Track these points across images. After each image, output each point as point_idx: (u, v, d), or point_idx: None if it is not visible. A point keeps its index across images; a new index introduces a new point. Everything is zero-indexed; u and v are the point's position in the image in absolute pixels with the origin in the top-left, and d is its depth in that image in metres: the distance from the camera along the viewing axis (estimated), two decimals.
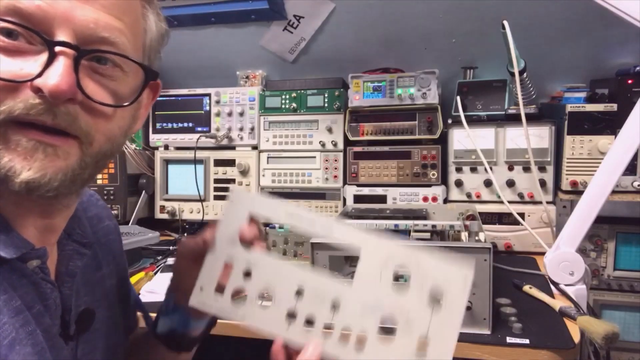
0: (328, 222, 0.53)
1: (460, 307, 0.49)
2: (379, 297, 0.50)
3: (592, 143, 1.30)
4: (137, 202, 1.66)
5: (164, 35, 0.55)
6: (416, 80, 1.45)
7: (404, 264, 0.51)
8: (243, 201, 0.55)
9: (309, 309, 0.52)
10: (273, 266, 0.54)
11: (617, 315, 1.40)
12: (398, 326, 0.50)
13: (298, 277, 0.53)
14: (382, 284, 0.51)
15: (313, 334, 0.51)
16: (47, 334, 0.48)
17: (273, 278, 0.53)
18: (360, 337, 0.50)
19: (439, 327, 0.49)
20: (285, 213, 0.54)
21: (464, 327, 0.90)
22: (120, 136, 0.50)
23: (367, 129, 1.52)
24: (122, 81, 0.48)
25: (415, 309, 0.49)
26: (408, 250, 0.51)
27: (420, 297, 0.49)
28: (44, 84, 0.41)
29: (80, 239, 0.58)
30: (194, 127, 1.69)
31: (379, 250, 0.51)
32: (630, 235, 1.39)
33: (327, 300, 0.51)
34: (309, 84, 1.60)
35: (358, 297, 0.51)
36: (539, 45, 1.48)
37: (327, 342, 0.51)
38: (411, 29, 1.57)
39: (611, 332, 0.82)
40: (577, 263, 1.05)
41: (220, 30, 1.69)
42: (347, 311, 0.51)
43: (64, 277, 0.54)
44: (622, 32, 1.36)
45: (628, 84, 1.29)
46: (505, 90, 1.43)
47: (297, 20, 1.63)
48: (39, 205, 0.48)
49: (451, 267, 0.49)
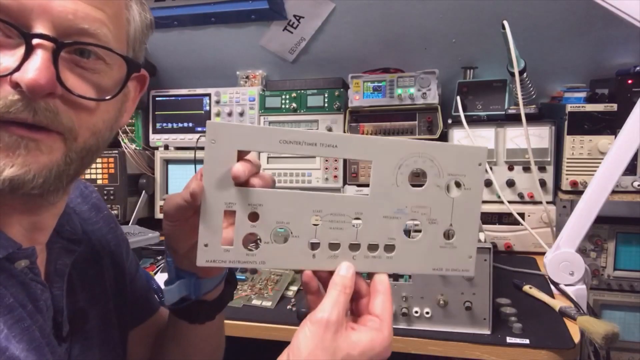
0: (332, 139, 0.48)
1: (479, 184, 0.50)
2: (399, 202, 0.50)
3: (592, 143, 1.30)
4: (137, 202, 1.66)
5: (149, 25, 0.54)
6: (416, 80, 1.45)
7: (417, 161, 0.50)
8: (225, 137, 0.47)
9: (331, 233, 0.50)
10: (281, 199, 0.49)
11: (617, 315, 1.40)
12: (422, 225, 0.50)
13: (311, 204, 0.49)
14: (400, 188, 0.50)
15: (341, 257, 0.50)
16: (42, 331, 0.47)
17: (284, 212, 0.49)
18: (388, 245, 0.50)
19: (462, 213, 0.50)
20: (279, 141, 0.47)
21: (464, 327, 0.91)
22: (105, 130, 0.49)
23: (367, 129, 1.52)
24: (105, 74, 0.46)
25: (436, 203, 0.50)
26: (419, 146, 0.50)
27: (439, 190, 0.50)
28: (21, 78, 0.40)
29: (70, 235, 0.56)
30: (194, 127, 1.69)
31: (391, 153, 0.49)
32: (630, 235, 1.39)
33: (348, 220, 0.50)
34: (309, 84, 1.60)
35: (378, 208, 0.50)
36: (539, 45, 1.48)
37: (357, 259, 0.50)
38: (411, 29, 1.56)
39: (611, 332, 0.82)
40: (577, 263, 1.05)
41: (220, 30, 1.69)
42: (370, 225, 0.50)
43: (54, 276, 0.53)
44: (622, 32, 1.36)
45: (628, 84, 1.29)
46: (505, 90, 1.43)
47: (297, 20, 1.63)
48: (23, 203, 0.47)
49: (464, 147, 0.50)
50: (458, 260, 0.52)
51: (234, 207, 0.48)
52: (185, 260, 0.56)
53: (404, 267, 0.52)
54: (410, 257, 0.51)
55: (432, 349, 0.90)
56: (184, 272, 0.58)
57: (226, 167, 0.47)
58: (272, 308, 1.05)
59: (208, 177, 0.47)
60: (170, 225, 0.54)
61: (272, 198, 0.48)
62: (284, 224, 0.49)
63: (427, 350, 0.90)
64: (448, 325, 0.91)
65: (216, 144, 0.47)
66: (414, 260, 0.51)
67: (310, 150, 0.48)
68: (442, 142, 0.50)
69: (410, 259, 0.51)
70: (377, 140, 0.49)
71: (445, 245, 0.51)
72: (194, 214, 0.50)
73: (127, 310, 0.68)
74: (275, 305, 1.06)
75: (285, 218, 0.49)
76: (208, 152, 0.46)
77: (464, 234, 0.51)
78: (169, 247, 0.57)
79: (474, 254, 0.52)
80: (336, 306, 0.46)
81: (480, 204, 0.51)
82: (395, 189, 0.50)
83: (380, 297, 0.49)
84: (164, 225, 0.55)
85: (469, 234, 0.51)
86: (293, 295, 1.11)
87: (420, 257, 0.51)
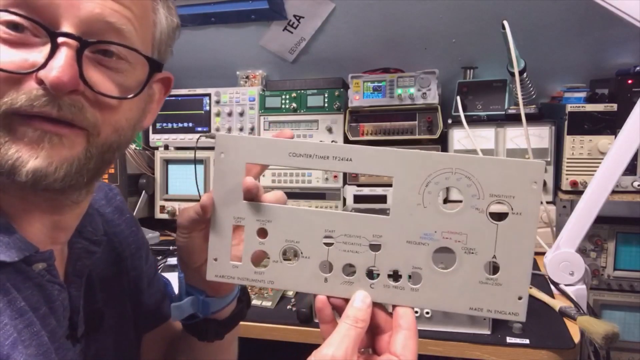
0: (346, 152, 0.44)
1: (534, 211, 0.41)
2: (426, 225, 0.43)
3: (592, 143, 1.30)
4: (137, 202, 1.66)
5: (175, 29, 0.54)
6: (416, 80, 1.45)
7: (450, 178, 0.42)
8: (235, 149, 0.46)
9: (345, 256, 0.45)
10: (290, 216, 0.46)
11: (617, 315, 1.40)
12: (457, 254, 0.43)
13: (323, 221, 0.45)
14: (427, 208, 0.43)
15: (357, 283, 0.45)
16: (53, 335, 0.47)
17: (294, 229, 0.46)
18: (413, 274, 0.44)
19: (509, 243, 0.42)
20: (289, 154, 0.45)
21: (464, 327, 0.91)
22: (128, 128, 0.49)
23: (367, 129, 1.52)
24: (128, 73, 0.47)
25: (475, 229, 0.42)
26: (451, 159, 0.42)
27: (479, 214, 0.42)
28: (45, 76, 0.41)
29: (91, 236, 0.57)
30: (194, 127, 1.69)
31: (415, 168, 0.43)
32: (630, 235, 1.39)
33: (364, 242, 0.44)
34: (309, 84, 1.60)
35: (400, 230, 0.43)
36: (539, 45, 1.48)
37: (376, 288, 0.44)
38: (411, 29, 1.56)
39: (611, 332, 0.82)
40: (577, 263, 1.05)
41: (220, 30, 1.69)
42: (390, 251, 0.44)
43: (72, 277, 0.53)
44: (622, 32, 1.36)
45: (628, 84, 1.29)
46: (505, 90, 1.43)
47: (297, 20, 1.63)
48: (46, 200, 0.47)
49: (513, 162, 0.41)
50: (503, 301, 0.43)
51: (243, 222, 0.46)
52: (196, 276, 0.55)
53: (433, 303, 0.44)
54: (440, 291, 0.43)
55: (432, 349, 0.90)
56: (193, 289, 0.58)
57: (235, 180, 0.46)
58: (272, 308, 1.05)
59: (217, 190, 0.47)
60: (183, 237, 0.54)
61: (281, 214, 0.46)
62: (293, 243, 0.46)
63: (427, 350, 0.90)
64: (448, 325, 0.91)
65: (225, 156, 0.46)
66: (446, 295, 0.43)
67: (322, 164, 0.44)
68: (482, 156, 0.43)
69: (440, 294, 0.43)
70: (398, 153, 0.43)
71: (487, 281, 0.43)
72: (206, 228, 0.50)
73: (143, 314, 0.69)
74: (275, 305, 1.06)
75: (295, 236, 0.46)
76: (217, 164, 0.46)
77: (511, 269, 0.42)
78: (181, 261, 0.57)
79: (525, 295, 0.43)
80: (344, 341, 0.41)
81: (535, 233, 0.42)
82: (421, 211, 0.43)
83: (401, 333, 0.43)
84: (177, 238, 0.55)
85: (519, 270, 0.42)
86: (293, 296, 1.11)
87: (453, 293, 0.43)
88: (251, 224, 0.46)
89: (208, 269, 0.48)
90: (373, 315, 0.44)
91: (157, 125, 1.72)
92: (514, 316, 0.43)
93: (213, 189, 0.47)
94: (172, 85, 0.59)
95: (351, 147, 0.44)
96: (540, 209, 0.38)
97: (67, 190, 0.45)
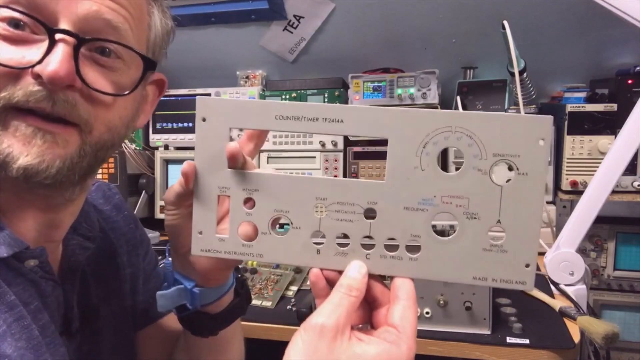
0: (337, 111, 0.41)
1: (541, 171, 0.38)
2: (425, 189, 0.40)
3: (592, 143, 1.30)
4: (137, 202, 1.65)
5: (169, 32, 0.55)
6: (416, 80, 1.45)
7: (449, 137, 0.39)
8: (217, 114, 0.43)
9: (338, 225, 0.42)
10: (278, 183, 0.43)
11: (617, 315, 1.40)
12: (458, 220, 0.40)
13: (314, 188, 0.42)
14: (426, 173, 0.40)
15: (351, 254, 0.42)
16: (45, 330, 0.47)
17: (282, 198, 0.42)
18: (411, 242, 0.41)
19: (515, 207, 0.39)
20: (275, 117, 0.41)
21: (464, 327, 0.91)
22: (121, 127, 0.50)
23: None
24: (123, 72, 0.48)
25: (477, 192, 0.39)
26: (451, 117, 0.39)
27: (481, 175, 0.39)
28: (42, 70, 0.42)
29: (86, 232, 0.57)
30: (194, 127, 1.67)
31: (412, 128, 0.39)
32: (630, 235, 1.39)
33: (358, 209, 0.41)
34: (309, 84, 1.60)
35: (397, 196, 0.40)
36: (539, 45, 1.48)
37: (372, 258, 0.42)
38: (411, 29, 1.56)
39: (611, 332, 0.82)
40: (577, 263, 1.05)
41: (220, 30, 1.69)
42: (386, 217, 0.41)
43: (67, 273, 0.54)
44: (622, 32, 1.35)
45: (628, 84, 1.29)
46: (505, 90, 1.43)
47: (297, 20, 1.63)
48: (40, 198, 0.47)
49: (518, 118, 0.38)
50: (509, 269, 0.40)
51: (228, 191, 0.43)
52: (185, 262, 0.52)
53: (433, 272, 0.41)
54: (441, 261, 0.41)
55: (432, 349, 0.90)
56: (183, 278, 0.54)
57: (218, 147, 0.43)
58: (272, 308, 1.05)
59: (200, 158, 0.44)
60: (170, 216, 0.51)
61: (269, 182, 0.43)
62: (282, 213, 0.43)
63: (427, 350, 0.90)
64: (448, 325, 0.91)
65: (207, 121, 0.43)
66: (447, 264, 0.41)
67: (311, 127, 0.41)
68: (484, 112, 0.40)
69: (441, 263, 0.41)
70: (393, 112, 0.40)
71: (491, 248, 0.40)
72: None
73: (137, 311, 0.69)
74: (275, 305, 1.06)
75: (284, 205, 0.42)
76: (198, 131, 0.43)
77: (518, 234, 0.39)
78: (171, 245, 0.55)
79: (532, 262, 0.40)
80: (336, 310, 0.39)
81: (543, 195, 0.39)
82: (419, 174, 0.40)
83: (400, 304, 0.40)
84: (165, 220, 0.52)
85: (526, 235, 0.39)
86: (293, 295, 1.11)
87: (455, 262, 0.40)
88: (237, 194, 0.43)
89: (193, 243, 0.45)
90: (369, 288, 0.42)
91: (157, 125, 1.72)
92: (521, 285, 0.40)
93: (195, 157, 0.44)
94: (166, 88, 0.60)
95: (342, 107, 0.41)
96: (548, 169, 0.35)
97: (58, 187, 0.45)
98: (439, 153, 0.40)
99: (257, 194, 0.43)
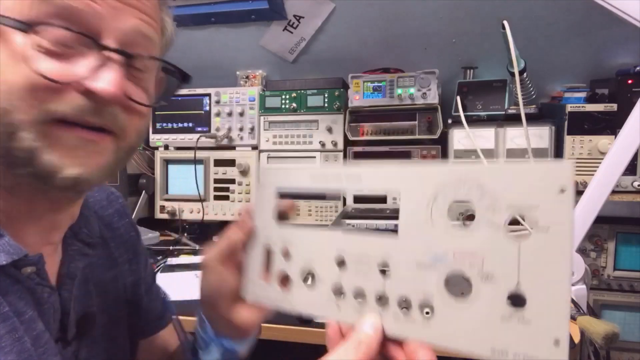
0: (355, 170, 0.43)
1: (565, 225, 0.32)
2: (436, 244, 0.37)
3: (592, 143, 1.30)
4: (137, 202, 1.66)
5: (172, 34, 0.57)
6: (416, 80, 1.45)
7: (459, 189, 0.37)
8: (270, 179, 0.49)
9: (355, 279, 0.42)
10: (306, 238, 0.45)
11: (617, 315, 1.40)
12: (472, 280, 0.36)
13: (335, 243, 0.43)
14: (436, 227, 0.38)
15: (366, 309, 0.41)
16: (37, 340, 0.47)
17: (310, 251, 0.45)
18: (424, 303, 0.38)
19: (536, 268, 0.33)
20: (309, 177, 0.46)
21: None
22: (145, 132, 0.53)
23: (367, 129, 1.52)
24: (149, 80, 0.50)
25: (491, 250, 0.35)
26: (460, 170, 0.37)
27: (495, 230, 0.35)
28: (96, 87, 0.42)
29: (86, 238, 0.57)
30: (194, 127, 1.69)
31: (422, 182, 0.39)
32: (630, 235, 1.40)
33: (373, 265, 0.40)
34: (309, 84, 1.60)
35: (409, 251, 0.39)
36: (539, 45, 1.48)
37: (384, 318, 0.40)
38: (411, 29, 1.57)
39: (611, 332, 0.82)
40: (577, 263, 1.05)
41: (220, 30, 1.69)
42: (399, 274, 0.39)
43: (65, 279, 0.53)
44: (622, 32, 1.35)
45: (628, 84, 1.29)
46: (505, 90, 1.43)
47: (297, 20, 1.63)
48: (52, 200, 0.48)
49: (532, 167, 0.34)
50: (534, 345, 0.33)
51: (271, 243, 0.49)
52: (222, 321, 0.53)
53: (448, 339, 0.37)
54: (456, 326, 0.36)
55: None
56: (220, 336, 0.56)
57: (269, 205, 0.49)
58: None
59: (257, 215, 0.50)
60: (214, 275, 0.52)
61: (299, 236, 0.46)
62: (309, 265, 0.45)
63: None
64: None
65: (263, 186, 0.50)
66: (463, 330, 0.36)
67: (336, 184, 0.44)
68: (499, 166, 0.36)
69: (456, 329, 0.36)
70: (404, 168, 0.40)
71: (511, 317, 0.34)
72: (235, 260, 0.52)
73: (139, 320, 0.69)
74: None
75: (310, 258, 0.45)
76: (257, 193, 0.51)
77: (542, 302, 0.33)
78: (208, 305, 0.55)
79: (563, 337, 0.32)
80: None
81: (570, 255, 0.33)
82: (429, 229, 0.38)
83: None
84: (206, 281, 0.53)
85: (553, 304, 0.32)
86: None
87: (471, 328, 0.35)
88: (278, 246, 0.48)
89: (242, 288, 0.50)
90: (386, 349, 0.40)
91: (157, 125, 1.72)
92: None
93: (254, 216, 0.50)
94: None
95: (359, 168, 0.43)
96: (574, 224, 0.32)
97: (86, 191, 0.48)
98: (452, 206, 0.37)
99: (292, 246, 0.47)
